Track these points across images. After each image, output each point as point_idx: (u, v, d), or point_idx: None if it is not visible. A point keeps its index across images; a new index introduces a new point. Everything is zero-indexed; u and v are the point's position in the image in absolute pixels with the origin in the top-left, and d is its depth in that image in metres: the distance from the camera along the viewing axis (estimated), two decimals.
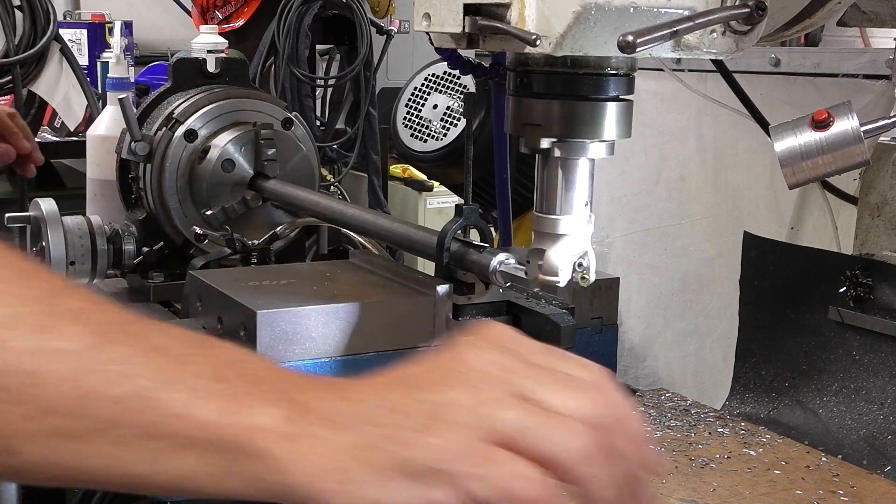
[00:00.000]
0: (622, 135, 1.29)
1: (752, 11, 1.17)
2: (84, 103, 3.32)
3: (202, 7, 3.68)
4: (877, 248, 1.61)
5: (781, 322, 1.64)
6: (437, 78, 3.47)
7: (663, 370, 2.45)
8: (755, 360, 1.67)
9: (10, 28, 3.26)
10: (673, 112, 2.40)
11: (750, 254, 1.71)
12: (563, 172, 1.31)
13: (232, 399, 0.68)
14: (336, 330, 1.42)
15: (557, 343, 1.45)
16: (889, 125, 1.36)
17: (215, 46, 2.00)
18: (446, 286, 1.49)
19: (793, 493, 1.29)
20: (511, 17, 1.15)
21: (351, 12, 3.51)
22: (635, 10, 1.15)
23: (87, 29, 3.72)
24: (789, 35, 1.55)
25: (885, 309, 1.50)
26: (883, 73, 1.95)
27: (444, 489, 0.68)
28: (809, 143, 1.31)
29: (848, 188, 1.95)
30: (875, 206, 1.61)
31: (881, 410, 1.49)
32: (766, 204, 2.22)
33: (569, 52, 1.16)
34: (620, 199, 2.56)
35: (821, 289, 1.58)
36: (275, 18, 3.48)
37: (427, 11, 1.22)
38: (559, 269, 1.29)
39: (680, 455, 1.39)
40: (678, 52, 1.21)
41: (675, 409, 1.57)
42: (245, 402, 0.68)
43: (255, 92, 1.82)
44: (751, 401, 1.65)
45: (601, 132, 1.27)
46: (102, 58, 3.52)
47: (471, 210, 1.53)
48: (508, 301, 1.52)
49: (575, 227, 1.31)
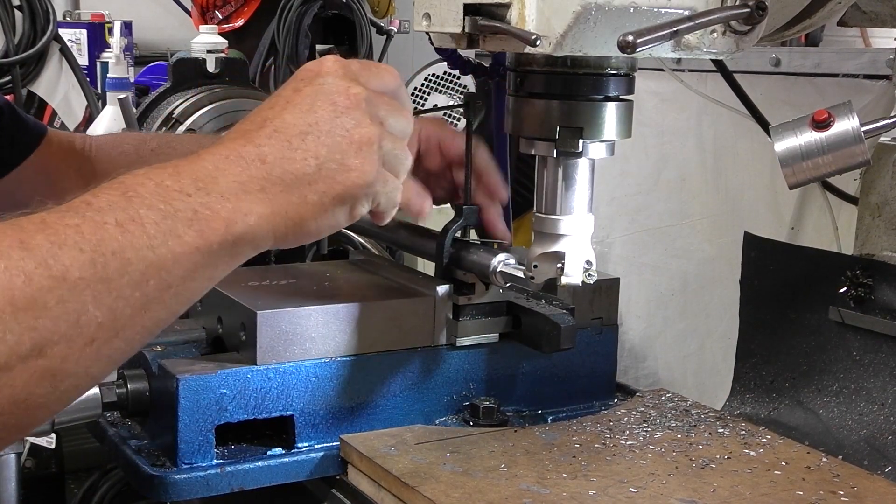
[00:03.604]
0: (622, 135, 1.29)
1: (752, 11, 1.17)
2: (84, 103, 3.32)
3: (202, 7, 3.68)
4: (877, 248, 1.61)
5: (781, 322, 1.64)
6: (437, 78, 3.47)
7: (663, 370, 2.45)
8: (755, 360, 1.67)
9: (9, 28, 3.27)
10: (673, 112, 2.40)
11: (750, 254, 1.71)
12: (564, 173, 1.31)
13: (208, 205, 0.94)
14: (336, 330, 1.42)
15: (558, 343, 1.45)
16: (889, 125, 1.36)
17: (215, 46, 2.01)
18: (446, 286, 1.49)
19: (793, 494, 1.29)
20: (511, 17, 1.15)
21: (351, 12, 3.51)
22: (635, 10, 1.15)
23: (87, 29, 3.71)
24: (789, 35, 1.55)
25: (886, 309, 1.50)
26: (883, 73, 1.96)
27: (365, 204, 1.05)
28: (810, 143, 1.31)
29: (848, 188, 1.95)
30: (875, 206, 1.61)
31: (882, 411, 1.49)
32: (766, 204, 2.22)
33: (569, 52, 1.16)
34: (620, 199, 2.56)
35: (821, 289, 1.58)
36: (275, 18, 3.48)
37: (427, 11, 1.22)
38: (575, 270, 1.29)
39: (680, 455, 1.39)
40: (678, 52, 1.21)
41: (675, 409, 1.57)
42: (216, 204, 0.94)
43: (255, 92, 1.82)
44: (751, 401, 1.65)
45: (601, 132, 1.27)
46: (102, 58, 3.52)
47: (471, 210, 1.53)
48: (508, 301, 1.52)
49: (575, 227, 1.31)
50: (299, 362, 1.39)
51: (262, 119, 1.02)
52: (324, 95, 1.03)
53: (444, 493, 1.24)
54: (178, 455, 1.33)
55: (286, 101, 1.03)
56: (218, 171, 0.95)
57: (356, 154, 1.02)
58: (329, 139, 1.01)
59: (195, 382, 1.33)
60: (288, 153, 0.99)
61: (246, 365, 1.37)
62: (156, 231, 0.87)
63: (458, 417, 1.50)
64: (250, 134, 1.00)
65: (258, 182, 0.97)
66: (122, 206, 0.87)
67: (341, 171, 1.01)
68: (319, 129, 1.01)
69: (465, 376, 1.51)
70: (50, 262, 0.80)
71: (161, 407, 1.37)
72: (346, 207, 1.04)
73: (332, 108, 1.02)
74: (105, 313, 0.83)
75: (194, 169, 0.95)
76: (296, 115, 1.01)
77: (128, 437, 1.42)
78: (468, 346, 1.50)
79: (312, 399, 1.40)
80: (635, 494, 1.27)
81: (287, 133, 1.00)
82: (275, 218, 0.98)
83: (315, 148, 1.00)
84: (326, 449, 1.40)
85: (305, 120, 1.01)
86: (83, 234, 0.83)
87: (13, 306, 0.77)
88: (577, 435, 1.45)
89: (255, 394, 1.37)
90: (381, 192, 1.06)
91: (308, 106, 1.02)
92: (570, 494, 1.25)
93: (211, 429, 1.34)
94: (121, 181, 0.91)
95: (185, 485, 1.32)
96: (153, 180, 0.91)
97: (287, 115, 1.01)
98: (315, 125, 1.01)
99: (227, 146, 0.99)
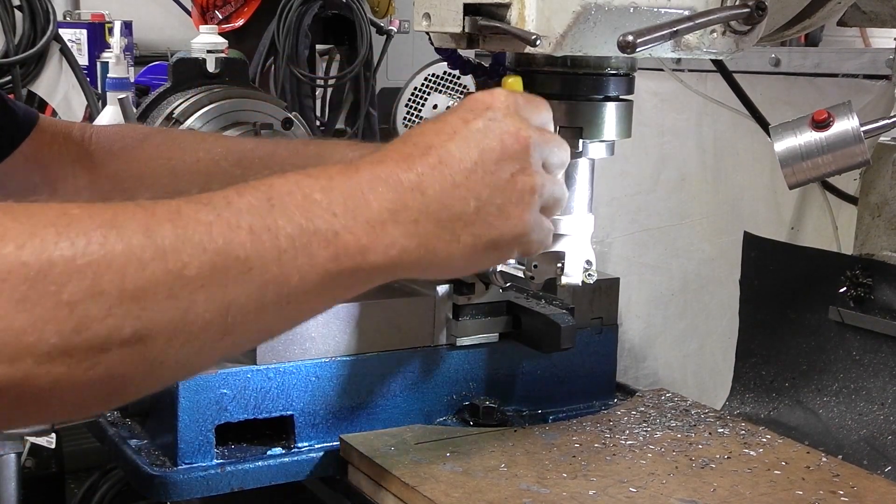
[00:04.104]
0: (622, 135, 1.29)
1: (752, 11, 1.17)
2: (84, 103, 3.32)
3: (202, 7, 3.67)
4: (877, 248, 1.61)
5: (781, 322, 1.64)
6: (437, 78, 3.47)
7: (663, 370, 2.45)
8: (755, 360, 1.67)
9: (9, 28, 3.26)
10: (673, 112, 2.40)
11: (750, 254, 1.71)
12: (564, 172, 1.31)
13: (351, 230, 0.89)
14: (336, 330, 1.42)
15: (558, 343, 1.45)
16: (889, 125, 1.36)
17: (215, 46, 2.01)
18: (446, 286, 1.49)
19: (793, 494, 1.29)
20: (511, 17, 1.15)
21: (351, 12, 3.51)
22: (635, 10, 1.15)
23: (87, 29, 3.71)
24: (789, 35, 1.55)
25: (886, 309, 1.50)
26: (883, 73, 1.95)
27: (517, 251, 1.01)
28: (809, 143, 1.31)
29: (848, 188, 1.95)
30: (875, 206, 1.61)
31: (881, 410, 1.49)
32: (766, 204, 2.22)
33: (569, 52, 1.16)
34: (620, 199, 2.56)
35: (821, 289, 1.58)
36: (275, 18, 3.47)
37: (427, 11, 1.22)
38: (575, 270, 1.29)
39: (680, 455, 1.39)
40: (678, 52, 1.21)
41: (675, 409, 1.57)
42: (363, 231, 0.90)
43: (255, 92, 1.82)
44: (751, 401, 1.65)
45: (601, 132, 1.27)
46: (102, 58, 3.51)
47: None
48: (508, 301, 1.52)
49: (575, 227, 1.31)
50: (299, 362, 1.40)
51: (427, 145, 0.96)
52: (493, 133, 0.97)
53: (444, 493, 1.24)
54: (179, 455, 1.33)
55: (453, 130, 0.97)
56: (373, 192, 0.90)
57: (518, 202, 0.97)
58: (493, 180, 0.96)
59: (195, 382, 1.33)
60: (449, 188, 0.94)
61: (246, 365, 1.37)
62: (288, 245, 0.84)
63: (458, 417, 1.50)
64: (413, 159, 0.94)
65: (412, 213, 0.92)
66: (262, 212, 0.84)
67: (500, 216, 0.97)
68: (485, 168, 0.96)
69: (464, 376, 1.51)
70: (170, 255, 0.77)
71: (161, 406, 1.38)
72: (498, 253, 1.00)
73: (500, 147, 0.97)
74: (215, 315, 0.80)
75: (348, 186, 0.89)
76: (462, 148, 0.96)
77: (128, 437, 1.42)
78: (468, 346, 1.50)
79: (312, 399, 1.40)
80: (635, 494, 1.27)
81: (452, 167, 0.94)
82: (420, 252, 0.93)
83: (478, 188, 0.95)
84: (326, 449, 1.41)
85: (471, 156, 0.95)
86: (211, 234, 0.80)
87: (121, 292, 0.75)
88: (577, 435, 1.45)
89: (255, 393, 1.37)
90: (535, 241, 1.02)
91: (476, 141, 0.96)
92: (570, 494, 1.26)
93: (211, 428, 1.34)
94: (270, 183, 0.87)
95: (185, 484, 1.33)
96: (302, 191, 0.87)
97: (453, 146, 0.96)
98: (481, 163, 0.96)
99: (387, 167, 0.93)
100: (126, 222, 0.77)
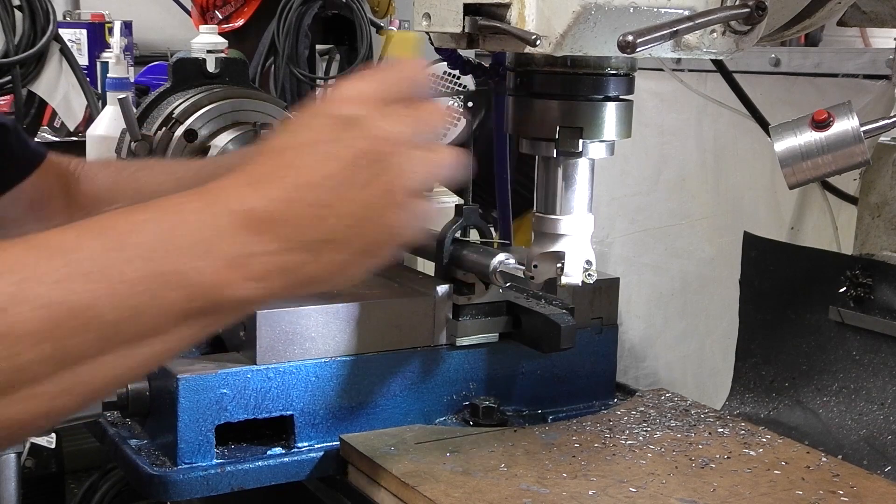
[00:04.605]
0: (622, 135, 1.29)
1: (752, 11, 1.17)
2: (84, 103, 3.32)
3: (202, 7, 3.67)
4: (877, 248, 1.61)
5: (781, 322, 1.64)
6: (437, 78, 3.47)
7: (663, 370, 2.45)
8: (755, 360, 1.67)
9: (9, 28, 3.26)
10: (673, 112, 2.40)
11: (750, 254, 1.71)
12: (564, 173, 1.31)
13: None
14: (336, 330, 1.42)
15: (558, 343, 1.45)
16: (889, 125, 1.36)
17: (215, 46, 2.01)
18: (446, 286, 1.49)
19: (793, 494, 1.29)
20: (511, 17, 1.15)
21: (351, 12, 3.51)
22: (635, 10, 1.15)
23: (87, 29, 3.71)
24: (789, 35, 1.55)
25: (886, 309, 1.50)
26: (883, 73, 1.95)
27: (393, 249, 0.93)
28: (809, 143, 1.31)
29: (848, 188, 1.95)
30: (875, 206, 1.61)
31: (881, 410, 1.49)
32: (766, 204, 2.22)
33: (569, 52, 1.16)
34: (620, 199, 2.56)
35: (821, 289, 1.58)
36: (275, 18, 3.47)
37: (427, 11, 1.22)
38: (575, 270, 1.29)
39: (680, 455, 1.39)
40: (678, 52, 1.21)
41: (675, 409, 1.57)
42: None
43: (255, 92, 1.82)
44: (751, 401, 1.65)
45: (601, 132, 1.27)
46: (102, 58, 3.52)
47: (471, 210, 1.53)
48: (508, 301, 1.52)
49: (575, 227, 1.31)
50: (299, 362, 1.40)
51: (285, 165, 0.89)
52: (345, 143, 0.89)
53: (444, 493, 1.24)
54: (179, 455, 1.33)
55: (305, 143, 0.90)
56: (228, 225, 0.84)
57: (385, 206, 0.90)
58: (354, 193, 0.88)
59: (195, 382, 1.33)
60: (308, 209, 0.87)
61: (246, 365, 1.37)
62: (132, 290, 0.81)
63: (458, 417, 1.50)
64: (271, 181, 0.87)
65: (271, 242, 0.85)
66: (107, 256, 0.81)
67: (367, 225, 0.90)
68: (344, 181, 0.88)
69: (464, 376, 1.51)
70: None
71: (161, 406, 1.37)
72: (374, 259, 0.92)
73: (353, 157, 0.88)
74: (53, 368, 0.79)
75: (200, 220, 0.85)
76: (319, 163, 0.88)
77: (128, 437, 1.42)
78: (468, 346, 1.50)
79: (312, 399, 1.40)
80: (635, 494, 1.27)
81: (310, 188, 0.87)
82: (286, 278, 0.87)
83: (339, 203, 0.87)
84: (326, 449, 1.41)
85: (328, 170, 0.88)
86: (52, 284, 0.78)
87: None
88: (577, 435, 1.45)
89: (255, 393, 1.37)
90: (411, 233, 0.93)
91: (332, 154, 0.88)
92: (570, 494, 1.26)
93: (211, 428, 1.34)
94: (113, 223, 0.84)
95: (185, 484, 1.33)
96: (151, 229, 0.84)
97: (310, 161, 0.88)
98: (339, 178, 0.88)
99: (241, 193, 0.86)
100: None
